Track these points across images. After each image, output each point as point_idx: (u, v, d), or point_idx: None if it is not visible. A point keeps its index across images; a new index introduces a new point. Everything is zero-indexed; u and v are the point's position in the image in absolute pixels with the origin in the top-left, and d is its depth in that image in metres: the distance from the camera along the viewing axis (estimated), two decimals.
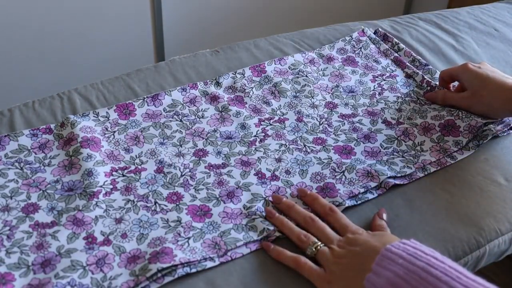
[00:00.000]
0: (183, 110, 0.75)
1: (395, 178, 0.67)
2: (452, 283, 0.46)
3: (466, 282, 0.46)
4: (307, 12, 1.91)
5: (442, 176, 0.69)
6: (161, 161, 0.68)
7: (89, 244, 0.58)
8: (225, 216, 0.62)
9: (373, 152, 0.72)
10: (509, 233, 0.64)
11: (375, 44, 0.91)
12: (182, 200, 0.64)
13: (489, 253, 0.63)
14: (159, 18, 1.64)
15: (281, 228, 0.61)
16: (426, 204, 0.65)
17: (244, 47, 0.89)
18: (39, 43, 1.50)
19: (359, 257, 0.55)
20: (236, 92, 0.79)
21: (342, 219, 0.61)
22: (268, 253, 0.59)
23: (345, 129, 0.75)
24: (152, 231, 0.60)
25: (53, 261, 0.56)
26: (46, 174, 0.65)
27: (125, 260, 0.57)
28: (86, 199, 0.62)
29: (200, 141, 0.71)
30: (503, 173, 0.70)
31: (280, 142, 0.72)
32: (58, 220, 0.60)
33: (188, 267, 0.56)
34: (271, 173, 0.68)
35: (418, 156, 0.71)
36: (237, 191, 0.65)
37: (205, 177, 0.67)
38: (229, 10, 1.76)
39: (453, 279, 0.47)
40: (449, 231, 0.62)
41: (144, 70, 0.82)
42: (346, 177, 0.67)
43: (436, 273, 0.48)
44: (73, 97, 0.75)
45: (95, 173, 0.65)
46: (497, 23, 1.01)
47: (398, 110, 0.79)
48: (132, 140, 0.71)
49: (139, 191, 0.64)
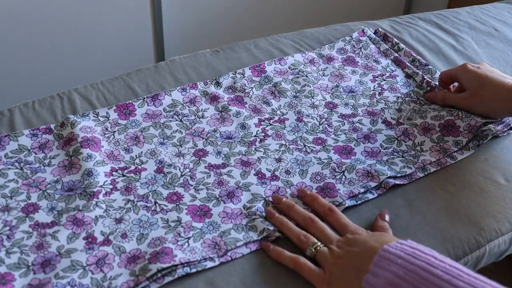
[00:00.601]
0: (183, 110, 0.75)
1: (395, 178, 0.67)
2: (454, 281, 0.46)
3: (468, 280, 0.46)
4: (307, 12, 1.91)
5: (442, 176, 0.69)
6: (161, 161, 0.68)
7: (89, 244, 0.58)
8: (225, 216, 0.62)
9: (373, 152, 0.72)
10: (509, 233, 0.64)
11: (375, 44, 0.91)
12: (182, 200, 0.64)
13: (489, 253, 0.63)
14: (159, 18, 1.64)
15: (281, 228, 0.61)
16: (426, 204, 0.65)
17: (244, 47, 0.89)
18: (39, 43, 1.50)
19: (357, 258, 0.55)
20: (236, 92, 0.79)
21: (342, 219, 0.61)
22: (267, 253, 0.59)
23: (345, 129, 0.75)
24: (152, 231, 0.60)
25: (53, 261, 0.56)
26: (46, 174, 0.65)
27: (125, 260, 0.57)
28: (86, 199, 0.62)
29: (200, 141, 0.71)
30: (503, 173, 0.70)
31: (280, 142, 0.72)
32: (58, 220, 0.60)
33: (188, 267, 0.56)
34: (271, 173, 0.68)
35: (418, 156, 0.71)
36: (237, 191, 0.65)
37: (205, 177, 0.67)
38: (229, 10, 1.76)
39: (455, 277, 0.47)
40: (449, 231, 0.62)
41: (144, 70, 0.82)
42: (346, 177, 0.67)
43: (437, 272, 0.47)
44: (73, 97, 0.75)
45: (95, 173, 0.65)
46: (497, 23, 1.01)
47: (398, 110, 0.79)
48: (132, 140, 0.71)
49: (139, 191, 0.64)
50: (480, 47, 0.93)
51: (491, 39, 0.96)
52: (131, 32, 1.63)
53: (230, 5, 1.75)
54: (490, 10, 1.05)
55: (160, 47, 1.70)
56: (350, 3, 1.96)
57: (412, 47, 0.92)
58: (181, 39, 1.73)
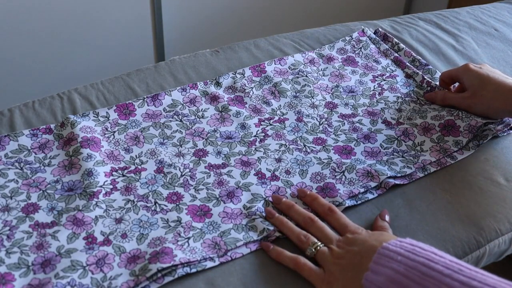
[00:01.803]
0: (183, 110, 0.75)
1: (395, 178, 0.67)
2: (455, 275, 0.46)
3: (469, 274, 0.46)
4: (307, 12, 1.91)
5: (442, 176, 0.69)
6: (161, 161, 0.68)
7: (89, 244, 0.58)
8: (225, 216, 0.62)
9: (373, 152, 0.72)
10: (509, 233, 0.64)
11: (375, 44, 0.91)
12: (182, 200, 0.64)
13: (489, 253, 0.63)
14: (159, 18, 1.64)
15: (281, 228, 0.61)
16: (426, 204, 0.65)
17: (244, 47, 0.89)
18: (39, 43, 1.50)
19: (357, 257, 0.55)
20: (236, 92, 0.79)
21: (342, 218, 0.61)
22: (267, 254, 0.59)
23: (345, 129, 0.75)
24: (152, 231, 0.60)
25: (53, 261, 0.56)
26: (46, 174, 0.65)
27: (125, 260, 0.57)
28: (86, 199, 0.62)
29: (200, 141, 0.71)
30: (503, 173, 0.70)
31: (280, 142, 0.72)
32: (58, 220, 0.60)
33: (188, 267, 0.56)
34: (271, 173, 0.68)
35: (418, 156, 0.71)
36: (237, 191, 0.65)
37: (205, 177, 0.67)
38: (229, 10, 1.76)
39: (456, 272, 0.47)
40: (449, 231, 0.62)
41: (144, 70, 0.82)
42: (346, 177, 0.67)
43: (437, 267, 0.47)
44: (73, 97, 0.75)
45: (95, 173, 0.65)
46: (497, 23, 1.01)
47: (398, 110, 0.79)
48: (132, 140, 0.71)
49: (139, 191, 0.64)
50: (480, 47, 0.93)
51: (491, 39, 0.96)
52: (131, 33, 1.63)
53: (230, 5, 1.75)
54: (490, 10, 1.05)
55: (160, 47, 1.70)
56: (349, 4, 1.96)
57: (412, 47, 0.92)
58: (181, 39, 1.73)
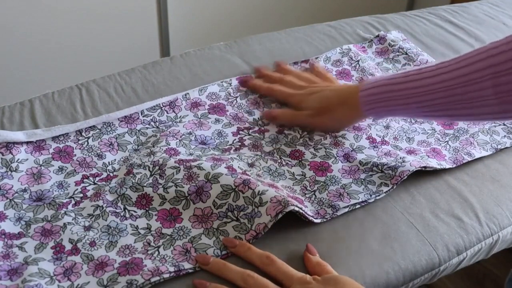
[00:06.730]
0: (161, 117, 0.72)
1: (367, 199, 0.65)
2: None
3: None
4: (311, 8, 1.92)
5: (455, 167, 0.70)
6: (132, 164, 0.65)
7: (57, 253, 0.56)
8: (196, 220, 0.60)
9: (350, 171, 0.68)
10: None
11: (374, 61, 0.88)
12: (152, 205, 0.62)
13: (502, 240, 0.65)
14: (164, 14, 1.65)
15: (220, 273, 0.55)
16: (439, 193, 0.67)
17: (258, 41, 0.90)
18: (47, 40, 1.51)
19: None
20: (219, 100, 0.76)
21: (284, 266, 0.54)
22: None
23: (325, 143, 0.71)
24: (121, 238, 0.58)
25: (20, 270, 0.54)
26: (13, 181, 0.62)
27: (92, 267, 0.55)
28: (55, 209, 0.60)
29: (173, 141, 0.68)
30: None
31: (256, 153, 0.69)
32: (25, 232, 0.58)
33: (157, 276, 0.53)
34: (242, 170, 0.64)
35: (397, 168, 0.67)
36: (206, 186, 0.62)
37: (175, 172, 0.63)
38: (234, 6, 1.77)
39: None
40: (463, 219, 0.64)
41: (160, 62, 0.83)
42: (316, 196, 0.64)
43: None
44: (91, 88, 0.76)
45: (65, 185, 0.63)
46: (505, 18, 1.02)
47: (386, 127, 0.75)
48: (106, 146, 0.68)
49: (108, 196, 0.62)
50: (489, 41, 0.95)
51: (500, 33, 0.97)
52: (137, 29, 1.64)
53: (236, 1, 1.76)
54: (498, 4, 1.07)
55: (166, 43, 1.71)
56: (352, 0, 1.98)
57: (421, 41, 0.93)
58: (186, 35, 1.74)
